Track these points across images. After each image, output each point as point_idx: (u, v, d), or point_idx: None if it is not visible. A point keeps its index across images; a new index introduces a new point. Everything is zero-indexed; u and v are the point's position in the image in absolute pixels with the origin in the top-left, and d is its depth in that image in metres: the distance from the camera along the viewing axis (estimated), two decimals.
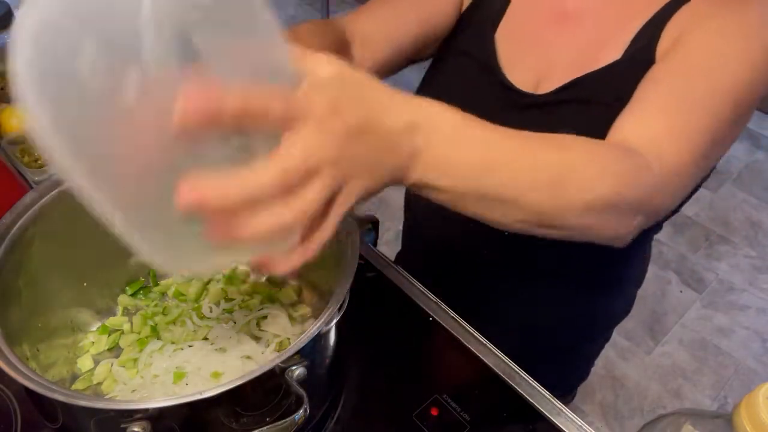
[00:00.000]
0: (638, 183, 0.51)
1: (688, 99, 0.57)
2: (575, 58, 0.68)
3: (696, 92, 0.57)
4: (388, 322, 0.75)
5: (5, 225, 0.58)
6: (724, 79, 0.57)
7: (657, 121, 0.55)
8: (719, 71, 0.58)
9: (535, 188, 0.45)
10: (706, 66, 0.58)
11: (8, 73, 0.29)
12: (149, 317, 0.71)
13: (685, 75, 0.58)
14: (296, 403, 0.48)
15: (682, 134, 0.55)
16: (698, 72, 0.58)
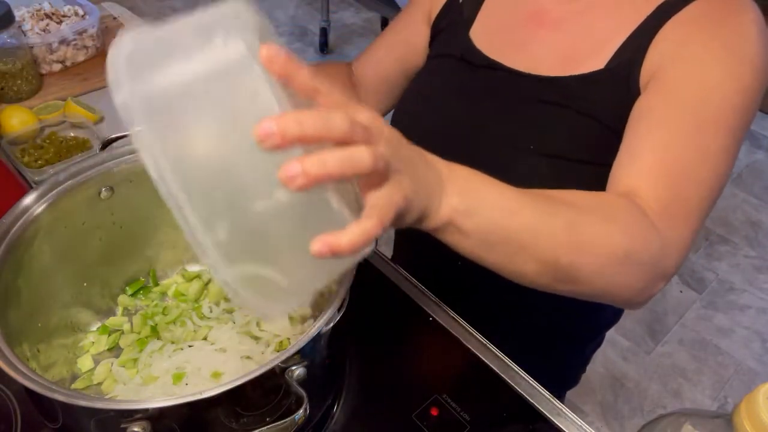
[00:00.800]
0: (649, 241, 0.52)
1: (686, 145, 0.57)
2: (556, 63, 0.69)
3: (691, 134, 0.57)
4: (388, 322, 0.75)
5: (5, 225, 0.58)
6: (716, 111, 0.58)
7: (657, 176, 0.56)
8: (710, 104, 0.58)
9: (553, 234, 0.47)
10: (695, 100, 0.58)
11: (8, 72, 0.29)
12: (149, 317, 0.71)
13: (676, 114, 0.58)
14: (296, 403, 0.48)
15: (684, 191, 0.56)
16: (689, 109, 0.58)
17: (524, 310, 0.82)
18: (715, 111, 0.58)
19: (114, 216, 0.69)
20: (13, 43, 1.01)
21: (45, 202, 0.61)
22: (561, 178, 0.66)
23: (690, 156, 0.57)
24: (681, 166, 0.56)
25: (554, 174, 0.67)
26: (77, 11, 1.18)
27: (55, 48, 1.12)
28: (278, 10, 3.45)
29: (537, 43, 0.71)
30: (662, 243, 0.53)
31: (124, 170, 0.67)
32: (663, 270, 0.54)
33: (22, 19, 1.12)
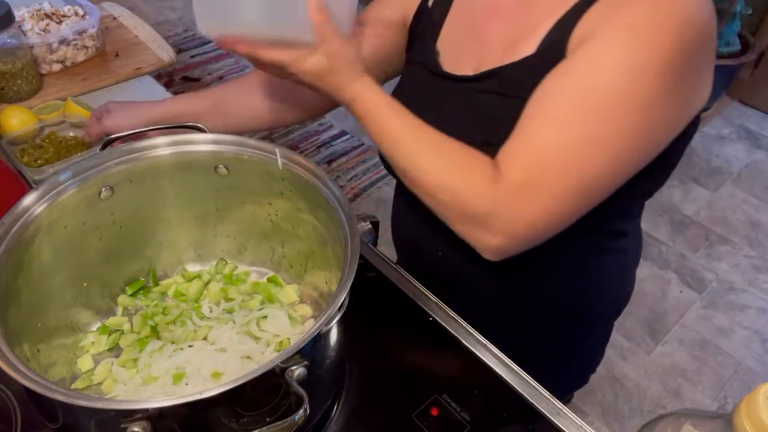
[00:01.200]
0: (478, 196, 0.61)
1: (555, 132, 0.59)
2: (500, 51, 0.71)
3: (565, 121, 0.59)
4: (388, 322, 0.75)
5: (5, 225, 0.58)
6: (601, 98, 0.58)
7: (520, 157, 0.61)
8: (595, 91, 0.58)
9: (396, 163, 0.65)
10: (581, 87, 0.59)
11: (8, 72, 0.29)
12: (149, 317, 0.71)
13: (558, 100, 0.60)
14: (296, 403, 0.48)
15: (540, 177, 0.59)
16: (572, 95, 0.59)
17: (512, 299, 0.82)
18: (599, 98, 0.58)
19: (114, 216, 0.69)
20: (13, 43, 1.01)
21: (45, 202, 0.61)
22: None
23: (556, 143, 0.59)
24: (544, 153, 0.59)
25: None
26: (77, 11, 1.18)
27: (55, 48, 1.12)
28: None
29: (490, 34, 0.73)
30: (494, 206, 0.60)
31: (124, 170, 0.67)
32: (487, 225, 0.61)
33: (22, 19, 1.12)
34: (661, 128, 0.61)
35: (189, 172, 0.70)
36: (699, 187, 2.45)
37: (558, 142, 0.59)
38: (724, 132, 2.74)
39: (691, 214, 2.32)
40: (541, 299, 0.82)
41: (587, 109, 0.58)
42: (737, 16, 2.50)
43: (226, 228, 0.77)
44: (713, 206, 2.37)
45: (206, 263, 0.79)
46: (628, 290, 0.90)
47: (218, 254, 0.79)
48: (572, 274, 0.80)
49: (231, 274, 0.77)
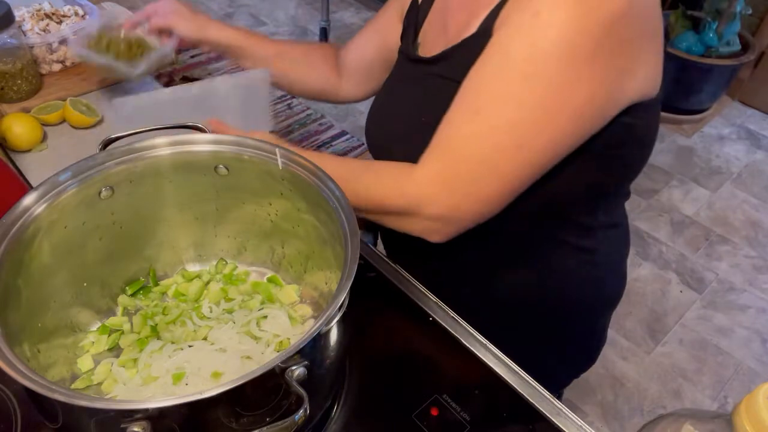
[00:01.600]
0: (399, 196, 0.68)
1: (464, 121, 0.64)
2: (450, 35, 0.73)
3: (473, 111, 0.63)
4: (388, 322, 0.75)
5: (5, 225, 0.58)
6: (505, 86, 0.61)
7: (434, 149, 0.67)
8: (501, 79, 0.61)
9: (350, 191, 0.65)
10: (486, 77, 0.63)
11: (8, 72, 0.29)
12: (149, 317, 0.71)
13: (468, 90, 0.64)
14: (296, 403, 0.48)
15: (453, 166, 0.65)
16: (478, 86, 0.63)
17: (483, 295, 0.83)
18: (505, 85, 0.60)
19: (114, 216, 0.69)
20: (13, 43, 1.01)
21: (45, 202, 0.61)
22: None
23: (470, 131, 0.63)
24: (455, 141, 0.65)
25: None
26: (77, 11, 1.18)
27: (55, 48, 1.12)
28: (278, 10, 3.45)
29: (451, 19, 0.75)
30: (411, 197, 0.67)
31: (124, 170, 0.67)
32: (412, 214, 0.68)
33: (22, 19, 1.12)
34: (574, 113, 0.61)
35: (189, 172, 0.70)
36: (699, 187, 2.45)
37: (468, 130, 0.63)
38: (724, 132, 2.74)
39: (691, 214, 2.32)
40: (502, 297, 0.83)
41: (495, 95, 0.61)
42: (737, 16, 2.50)
43: (226, 228, 0.77)
44: (713, 206, 2.37)
45: (206, 263, 0.79)
46: (608, 291, 0.88)
47: (218, 254, 0.79)
48: (531, 271, 0.81)
49: (231, 274, 0.77)
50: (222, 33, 0.96)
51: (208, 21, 0.97)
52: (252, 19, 3.36)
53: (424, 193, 0.67)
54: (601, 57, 0.58)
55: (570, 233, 0.77)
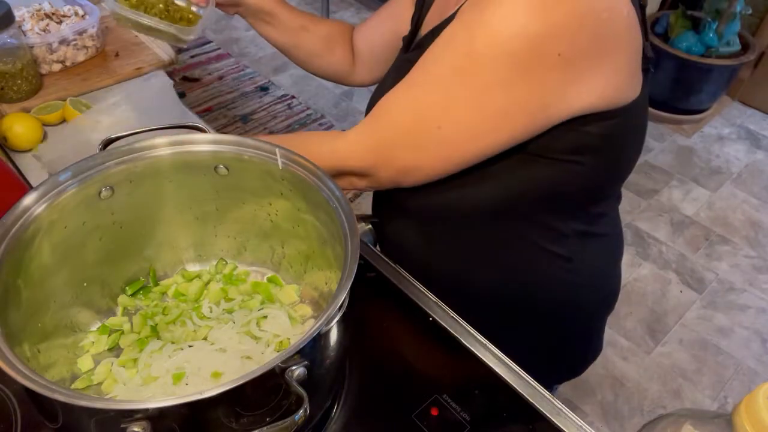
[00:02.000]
0: (331, 149, 0.74)
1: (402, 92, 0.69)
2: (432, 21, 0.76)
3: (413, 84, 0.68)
4: (388, 322, 0.75)
5: (5, 225, 0.58)
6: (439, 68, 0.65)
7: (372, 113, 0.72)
8: (438, 60, 0.65)
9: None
10: (428, 56, 0.66)
11: (8, 73, 0.29)
12: (149, 317, 0.71)
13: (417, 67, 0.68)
14: (296, 403, 0.48)
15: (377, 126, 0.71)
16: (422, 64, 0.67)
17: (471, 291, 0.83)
18: (440, 69, 0.64)
19: (114, 216, 0.69)
20: (13, 43, 1.01)
21: (45, 202, 0.61)
22: None
23: (396, 100, 0.69)
24: (384, 108, 0.70)
25: None
26: (77, 11, 1.18)
27: (55, 48, 1.12)
28: None
29: (442, 7, 0.77)
30: (345, 153, 0.73)
31: (124, 170, 0.67)
32: (345, 169, 0.74)
33: (22, 19, 1.12)
34: (498, 114, 0.63)
35: (189, 172, 0.70)
36: (699, 187, 2.45)
37: (399, 100, 0.69)
38: (724, 132, 2.74)
39: (691, 214, 2.32)
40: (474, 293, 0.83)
41: (429, 76, 0.66)
42: (737, 16, 2.50)
43: (226, 228, 0.77)
44: (713, 206, 2.37)
45: (206, 263, 0.79)
46: (590, 297, 0.87)
47: (218, 254, 0.79)
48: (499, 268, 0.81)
49: (231, 274, 0.77)
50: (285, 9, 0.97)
51: None
52: None
53: (350, 149, 0.73)
54: (537, 67, 0.59)
55: (539, 236, 0.77)
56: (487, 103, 0.63)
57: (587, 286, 0.85)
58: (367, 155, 0.72)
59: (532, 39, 0.58)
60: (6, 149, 0.98)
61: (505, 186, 0.71)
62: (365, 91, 2.86)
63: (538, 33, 0.58)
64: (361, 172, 0.74)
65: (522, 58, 0.59)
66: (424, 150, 0.68)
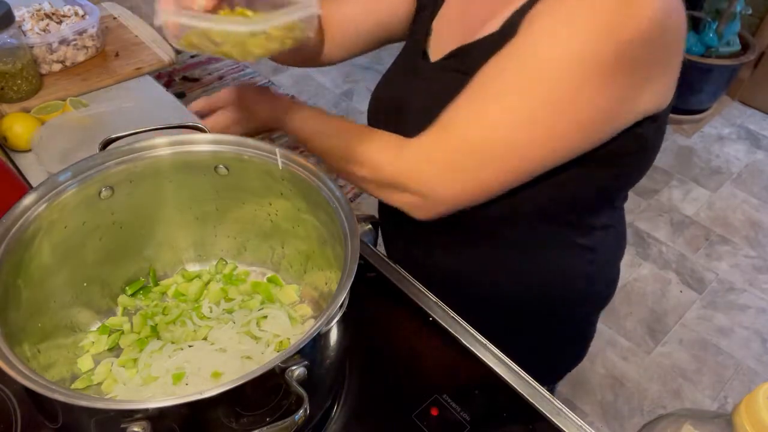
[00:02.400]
0: (389, 161, 0.68)
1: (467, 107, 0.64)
2: (468, 32, 0.72)
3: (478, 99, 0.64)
4: (388, 322, 0.75)
5: (5, 225, 0.58)
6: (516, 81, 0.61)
7: (437, 126, 0.66)
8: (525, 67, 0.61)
9: (330, 154, 0.74)
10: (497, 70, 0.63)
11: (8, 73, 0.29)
12: (149, 317, 0.71)
13: (481, 81, 0.64)
14: (296, 403, 0.48)
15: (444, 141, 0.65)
16: (492, 77, 0.63)
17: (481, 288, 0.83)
18: (519, 81, 0.61)
19: (114, 216, 0.69)
20: (13, 43, 1.01)
21: (45, 202, 0.61)
22: None
23: (465, 117, 0.64)
24: (453, 124, 0.65)
25: None
26: (77, 11, 1.18)
27: (55, 48, 1.12)
28: None
29: (466, 19, 0.75)
30: (401, 170, 0.68)
31: (124, 170, 0.67)
32: (400, 188, 0.69)
33: (22, 19, 1.12)
34: (582, 122, 0.61)
35: (189, 172, 0.70)
36: (699, 187, 2.45)
37: (470, 116, 0.64)
38: (724, 132, 2.74)
39: (691, 214, 2.32)
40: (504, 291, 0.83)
41: (508, 88, 0.61)
42: (737, 16, 2.50)
43: (226, 228, 0.77)
44: (713, 206, 2.37)
45: (206, 263, 0.79)
46: (601, 289, 0.89)
47: (218, 254, 0.79)
48: (534, 266, 0.81)
49: (231, 274, 0.77)
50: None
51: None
52: None
53: (413, 167, 0.67)
54: (620, 72, 0.59)
55: (574, 232, 0.78)
56: (570, 113, 0.61)
57: (600, 278, 0.86)
58: (431, 168, 0.66)
59: (620, 46, 0.58)
60: (6, 149, 0.98)
61: (557, 189, 0.69)
62: (365, 91, 2.86)
63: (624, 39, 0.57)
64: (419, 189, 0.67)
65: (609, 65, 0.58)
66: (497, 169, 0.65)
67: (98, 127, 0.98)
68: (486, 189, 0.66)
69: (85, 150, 0.91)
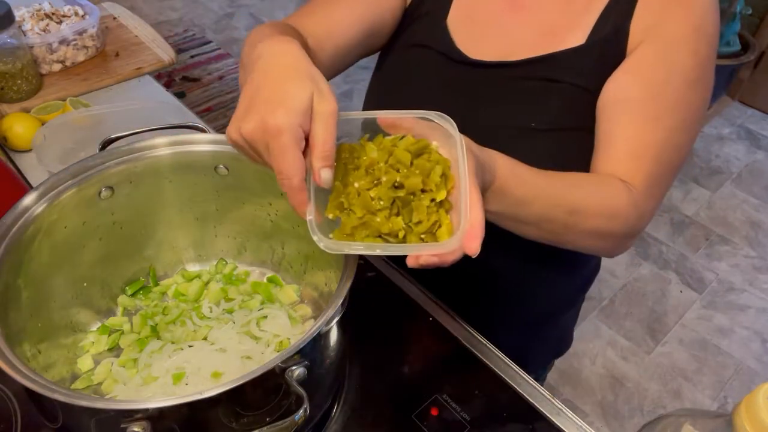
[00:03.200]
0: (626, 218, 0.64)
1: (655, 129, 0.65)
2: (538, 40, 0.71)
3: (659, 117, 0.65)
4: (388, 322, 0.75)
5: (5, 225, 0.58)
6: (676, 92, 0.65)
7: (634, 162, 0.65)
8: (672, 84, 0.65)
9: (553, 219, 0.60)
10: (661, 83, 0.65)
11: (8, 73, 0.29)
12: (149, 317, 0.71)
13: (645, 100, 0.65)
14: (296, 403, 0.48)
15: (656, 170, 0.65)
16: (657, 92, 0.65)
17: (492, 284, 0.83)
18: (675, 91, 0.65)
19: (114, 216, 0.69)
20: (13, 43, 1.01)
21: (45, 202, 0.61)
22: (561, 148, 0.70)
23: (658, 138, 0.65)
24: (652, 149, 0.65)
25: (557, 146, 0.70)
26: (77, 11, 1.18)
27: (55, 48, 1.12)
28: (278, 10, 3.45)
29: (517, 27, 0.73)
30: (638, 215, 0.64)
31: (124, 170, 0.67)
32: (633, 234, 0.67)
33: (22, 19, 1.12)
34: (702, 117, 0.69)
35: (189, 172, 0.70)
36: (699, 187, 2.45)
37: (658, 138, 0.65)
38: (724, 132, 2.74)
39: (691, 214, 2.32)
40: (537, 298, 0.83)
41: (670, 102, 0.65)
42: (737, 16, 2.50)
43: (226, 228, 0.77)
44: (713, 206, 2.37)
45: (206, 263, 0.79)
46: (588, 274, 0.92)
47: (218, 254, 0.79)
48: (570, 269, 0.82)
49: (231, 274, 0.77)
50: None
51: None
52: (252, 19, 3.36)
53: (645, 208, 0.66)
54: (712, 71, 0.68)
55: None
56: (706, 106, 0.68)
57: (592, 260, 0.89)
58: (652, 210, 0.67)
59: (714, 47, 0.67)
60: (6, 149, 0.98)
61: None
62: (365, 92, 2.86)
63: (716, 22, 0.66)
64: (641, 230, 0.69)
65: (711, 68, 0.67)
66: (675, 173, 0.69)
67: (98, 127, 0.98)
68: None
69: (85, 150, 0.91)
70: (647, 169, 0.65)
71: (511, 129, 0.71)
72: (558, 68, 0.69)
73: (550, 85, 0.69)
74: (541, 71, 0.70)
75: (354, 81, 2.93)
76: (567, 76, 0.68)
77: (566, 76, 0.68)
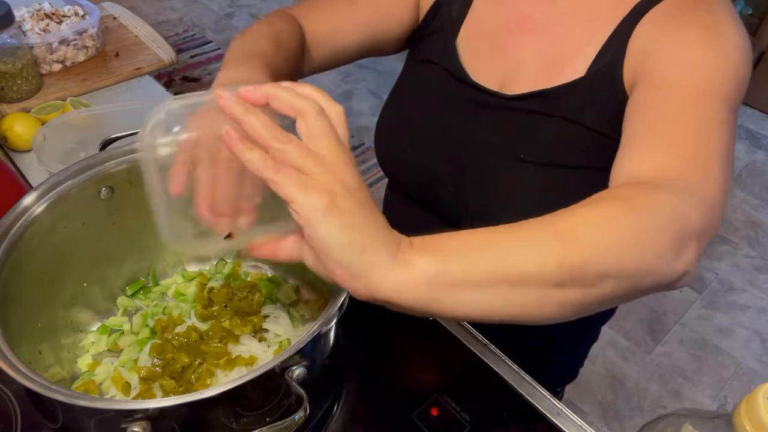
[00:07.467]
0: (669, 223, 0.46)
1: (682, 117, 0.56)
2: (539, 69, 0.69)
3: (686, 105, 0.56)
4: (388, 322, 0.75)
5: (5, 225, 0.58)
6: (705, 82, 0.58)
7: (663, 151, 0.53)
8: (698, 76, 0.58)
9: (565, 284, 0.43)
10: (683, 78, 0.58)
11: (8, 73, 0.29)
12: (149, 317, 0.71)
13: (668, 96, 0.57)
14: (296, 403, 0.48)
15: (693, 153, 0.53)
16: (678, 87, 0.58)
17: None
18: (704, 82, 0.58)
19: (114, 216, 0.69)
20: (13, 43, 1.01)
21: (45, 202, 0.61)
22: (548, 183, 0.68)
23: (689, 123, 0.55)
24: (682, 134, 0.54)
25: (542, 180, 0.68)
26: (77, 11, 1.18)
27: (55, 48, 1.12)
28: None
29: (522, 53, 0.71)
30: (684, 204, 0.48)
31: (124, 170, 0.67)
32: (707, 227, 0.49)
33: (22, 19, 1.12)
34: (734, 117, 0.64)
35: None
36: None
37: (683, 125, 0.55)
38: None
39: None
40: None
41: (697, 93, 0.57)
42: None
43: None
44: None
45: (206, 263, 0.79)
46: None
47: (218, 254, 0.79)
48: None
49: (231, 273, 0.77)
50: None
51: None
52: (252, 19, 3.36)
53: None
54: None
55: None
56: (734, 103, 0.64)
57: None
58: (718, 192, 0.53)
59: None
60: (6, 149, 0.98)
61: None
62: (365, 91, 2.86)
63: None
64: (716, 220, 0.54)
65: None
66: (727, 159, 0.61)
67: (98, 127, 0.98)
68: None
69: (85, 150, 0.91)
70: (678, 155, 0.53)
71: (500, 157, 0.71)
72: (553, 103, 0.67)
73: (543, 118, 0.68)
74: (536, 106, 0.69)
75: (354, 81, 2.93)
76: (561, 110, 0.67)
77: (560, 110, 0.67)
